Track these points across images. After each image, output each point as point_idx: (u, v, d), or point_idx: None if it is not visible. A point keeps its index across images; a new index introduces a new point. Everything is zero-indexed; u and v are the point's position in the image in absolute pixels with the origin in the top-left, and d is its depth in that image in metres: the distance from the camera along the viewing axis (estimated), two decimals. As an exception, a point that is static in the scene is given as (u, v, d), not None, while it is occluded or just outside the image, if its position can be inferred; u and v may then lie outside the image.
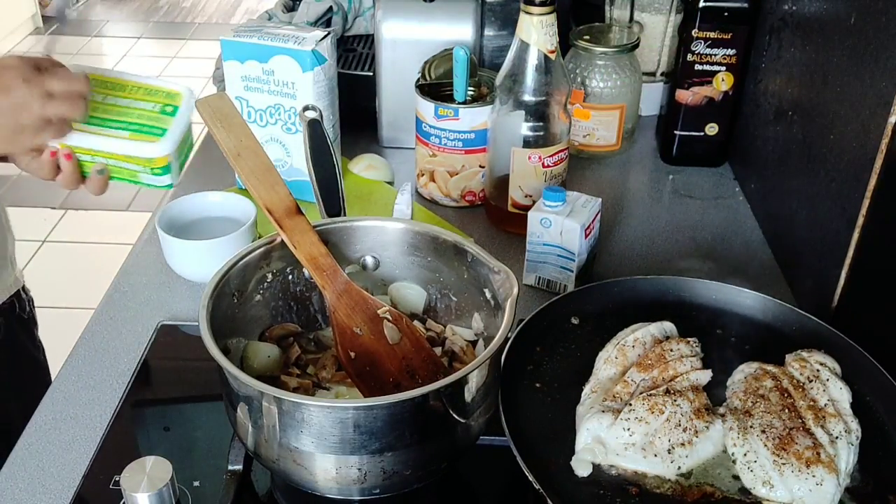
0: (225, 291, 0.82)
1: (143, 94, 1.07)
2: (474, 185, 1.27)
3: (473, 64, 1.23)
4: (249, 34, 1.17)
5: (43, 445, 0.90)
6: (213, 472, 0.85)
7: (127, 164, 1.02)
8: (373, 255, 0.92)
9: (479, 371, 0.75)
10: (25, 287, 1.27)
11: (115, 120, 1.05)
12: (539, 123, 1.15)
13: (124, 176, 1.05)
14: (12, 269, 1.22)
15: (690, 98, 1.34)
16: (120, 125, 1.05)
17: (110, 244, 3.08)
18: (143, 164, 1.02)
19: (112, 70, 1.09)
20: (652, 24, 1.47)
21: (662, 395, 0.82)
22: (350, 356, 0.85)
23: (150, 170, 1.02)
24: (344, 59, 1.47)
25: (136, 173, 1.03)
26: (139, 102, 1.07)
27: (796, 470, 0.76)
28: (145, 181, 1.04)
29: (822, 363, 0.86)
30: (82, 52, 4.69)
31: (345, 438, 0.71)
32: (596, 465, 0.79)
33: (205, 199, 1.17)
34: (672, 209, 1.32)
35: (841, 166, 0.99)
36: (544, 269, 1.10)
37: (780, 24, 1.21)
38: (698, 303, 0.98)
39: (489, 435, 0.80)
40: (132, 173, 1.03)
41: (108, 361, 1.00)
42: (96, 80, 1.08)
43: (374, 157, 1.36)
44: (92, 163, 1.02)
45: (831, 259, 1.00)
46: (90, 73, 1.07)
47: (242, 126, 0.88)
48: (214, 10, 5.32)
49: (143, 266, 1.16)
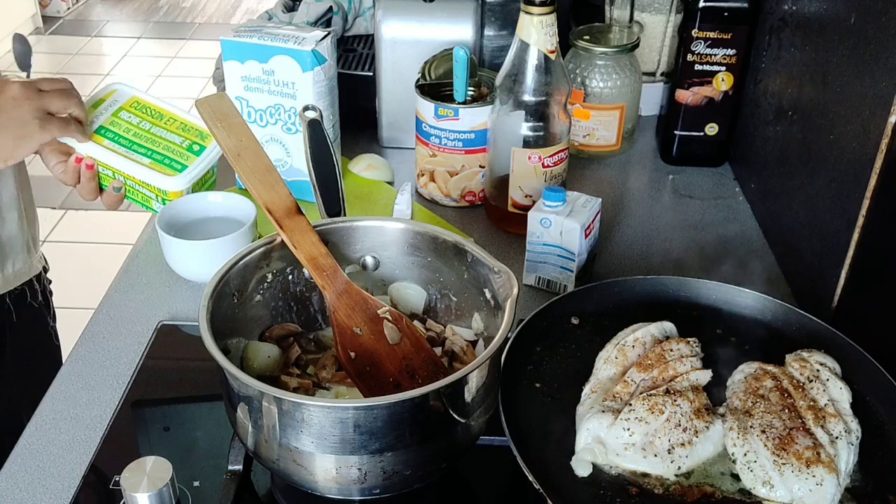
0: (225, 291, 0.82)
1: (177, 128, 1.12)
2: (474, 185, 1.27)
3: (473, 64, 1.23)
4: (249, 34, 1.17)
5: (43, 445, 0.90)
6: (213, 472, 0.85)
7: (142, 189, 1.08)
8: (373, 255, 0.92)
9: (479, 371, 0.75)
10: (42, 275, 1.28)
11: (142, 146, 1.10)
12: (539, 123, 1.15)
13: (138, 199, 1.10)
14: (28, 257, 1.22)
15: (690, 98, 1.34)
16: (145, 151, 1.09)
17: (110, 244, 3.08)
18: (157, 193, 1.06)
19: (156, 97, 1.12)
20: (652, 24, 1.47)
21: (662, 395, 0.82)
22: (350, 356, 0.85)
23: (162, 200, 1.06)
24: (344, 59, 1.47)
25: (149, 199, 1.08)
26: (171, 135, 1.11)
27: (796, 470, 0.76)
28: (156, 209, 1.08)
29: (822, 363, 0.86)
30: (82, 52, 4.69)
31: (345, 438, 0.71)
32: (596, 465, 0.79)
33: (205, 199, 1.17)
34: (672, 209, 1.32)
35: (841, 166, 0.99)
36: (544, 269, 1.10)
37: (780, 24, 1.21)
38: (698, 303, 0.99)
39: (489, 435, 0.80)
40: (146, 198, 1.08)
41: (108, 361, 1.00)
42: (138, 104, 1.12)
43: (374, 157, 1.36)
44: (111, 178, 1.05)
45: (831, 259, 1.00)
46: (135, 95, 1.11)
47: (242, 126, 0.88)
48: (214, 10, 5.32)
49: (143, 266, 1.16)
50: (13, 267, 1.18)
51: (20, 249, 1.19)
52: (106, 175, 1.06)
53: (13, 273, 1.18)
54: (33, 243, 1.25)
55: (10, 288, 1.19)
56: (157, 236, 1.12)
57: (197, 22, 5.15)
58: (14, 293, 1.20)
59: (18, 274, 1.19)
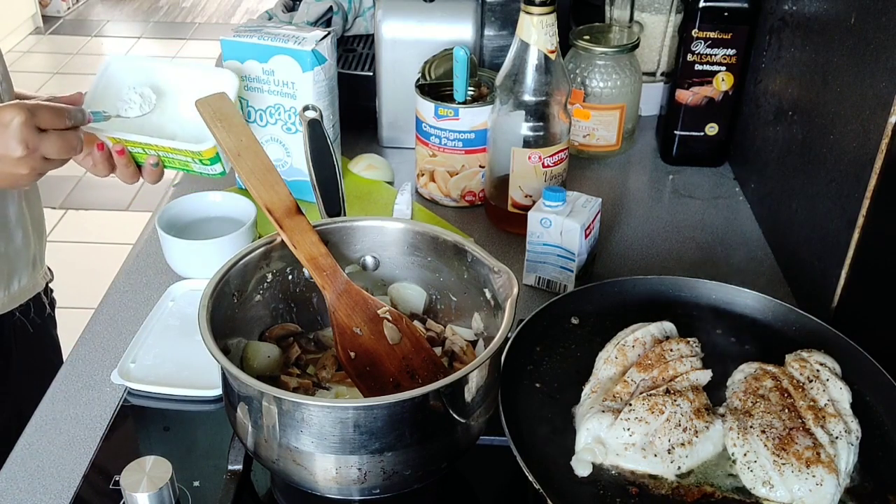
0: (225, 291, 0.82)
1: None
2: (474, 185, 1.27)
3: (473, 64, 1.23)
4: (249, 34, 1.17)
5: (43, 445, 0.90)
6: (213, 472, 0.85)
7: (178, 156, 1.03)
8: (373, 255, 0.92)
9: (479, 371, 0.75)
10: (47, 289, 1.27)
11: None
12: (539, 123, 1.15)
13: (176, 165, 1.05)
14: (33, 272, 1.21)
15: (690, 98, 1.34)
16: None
17: (110, 244, 3.08)
18: (192, 155, 1.02)
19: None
20: (652, 24, 1.47)
21: (662, 395, 0.82)
22: (350, 356, 0.85)
23: (199, 161, 1.02)
24: (344, 59, 1.47)
25: (187, 163, 1.04)
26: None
27: (796, 470, 0.76)
28: (197, 170, 1.04)
29: (822, 363, 0.86)
30: (82, 52, 4.69)
31: (345, 438, 0.71)
32: (596, 465, 0.79)
33: (205, 199, 1.17)
34: (672, 209, 1.32)
35: (841, 166, 0.99)
36: (544, 269, 1.10)
37: (780, 24, 1.21)
38: (698, 303, 0.98)
39: (489, 435, 0.80)
40: (184, 163, 1.04)
41: (108, 361, 1.00)
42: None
43: (374, 157, 1.36)
44: (145, 155, 1.01)
45: (831, 259, 1.00)
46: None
47: (242, 126, 0.88)
48: (214, 10, 5.32)
49: (143, 266, 1.16)
50: (19, 284, 1.17)
51: (26, 266, 1.18)
52: (138, 153, 1.03)
53: (19, 290, 1.17)
54: (40, 259, 1.23)
55: (16, 305, 1.17)
56: (157, 236, 1.12)
57: (197, 22, 5.15)
58: (21, 308, 1.19)
59: (24, 290, 1.19)
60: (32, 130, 0.88)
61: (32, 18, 4.86)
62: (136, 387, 0.95)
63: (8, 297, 1.15)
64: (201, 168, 1.04)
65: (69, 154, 0.93)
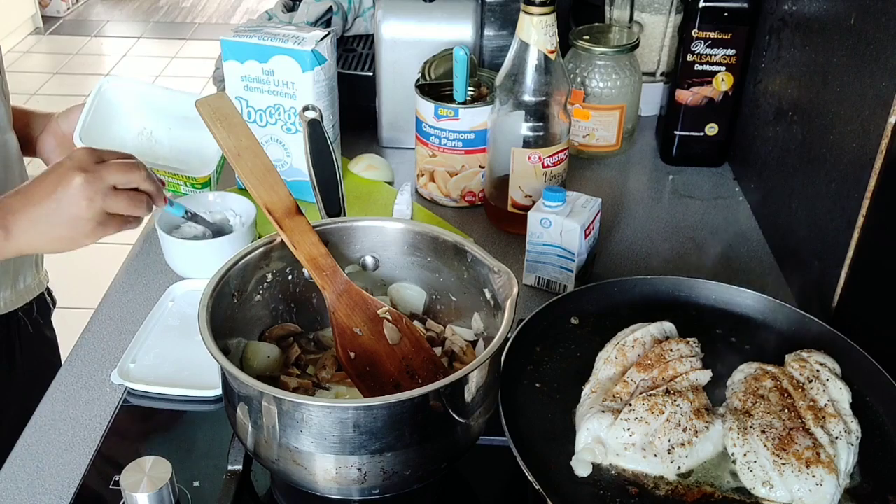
0: (225, 291, 0.82)
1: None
2: (474, 185, 1.27)
3: (473, 64, 1.23)
4: (249, 34, 1.17)
5: (43, 445, 0.90)
6: (213, 472, 0.85)
7: (171, 179, 1.17)
8: (373, 255, 0.92)
9: (479, 371, 0.75)
10: (48, 290, 1.28)
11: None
12: (539, 123, 1.15)
13: (169, 187, 1.15)
14: (37, 272, 1.23)
15: (690, 98, 1.34)
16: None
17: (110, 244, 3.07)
18: (187, 180, 1.19)
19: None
20: (652, 24, 1.47)
21: (662, 395, 0.82)
22: (350, 356, 0.85)
23: (191, 185, 1.17)
24: (344, 59, 1.47)
25: (177, 185, 1.17)
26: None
27: (796, 470, 0.76)
28: (185, 192, 1.23)
29: (822, 363, 0.86)
30: (82, 52, 4.69)
31: (345, 438, 0.71)
32: (596, 465, 0.79)
33: (205, 198, 1.17)
34: (672, 209, 1.32)
35: (841, 166, 0.99)
36: (544, 269, 1.10)
37: (780, 24, 1.21)
38: (698, 303, 0.98)
39: (489, 435, 0.80)
40: (174, 185, 1.19)
41: (108, 361, 1.00)
42: None
43: (374, 157, 1.36)
44: None
45: (831, 259, 1.00)
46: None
47: (242, 126, 0.88)
48: (214, 10, 5.32)
49: (143, 266, 1.16)
50: (24, 282, 1.18)
51: (30, 265, 1.20)
52: None
53: (24, 288, 1.19)
54: (41, 259, 1.25)
55: (23, 303, 1.19)
56: (156, 236, 1.12)
57: (197, 22, 5.15)
58: (24, 308, 1.20)
59: (30, 289, 1.20)
60: (98, 183, 0.91)
61: (32, 18, 4.86)
62: (136, 387, 0.95)
63: (15, 294, 1.17)
64: (189, 190, 1.14)
65: (133, 174, 0.93)
